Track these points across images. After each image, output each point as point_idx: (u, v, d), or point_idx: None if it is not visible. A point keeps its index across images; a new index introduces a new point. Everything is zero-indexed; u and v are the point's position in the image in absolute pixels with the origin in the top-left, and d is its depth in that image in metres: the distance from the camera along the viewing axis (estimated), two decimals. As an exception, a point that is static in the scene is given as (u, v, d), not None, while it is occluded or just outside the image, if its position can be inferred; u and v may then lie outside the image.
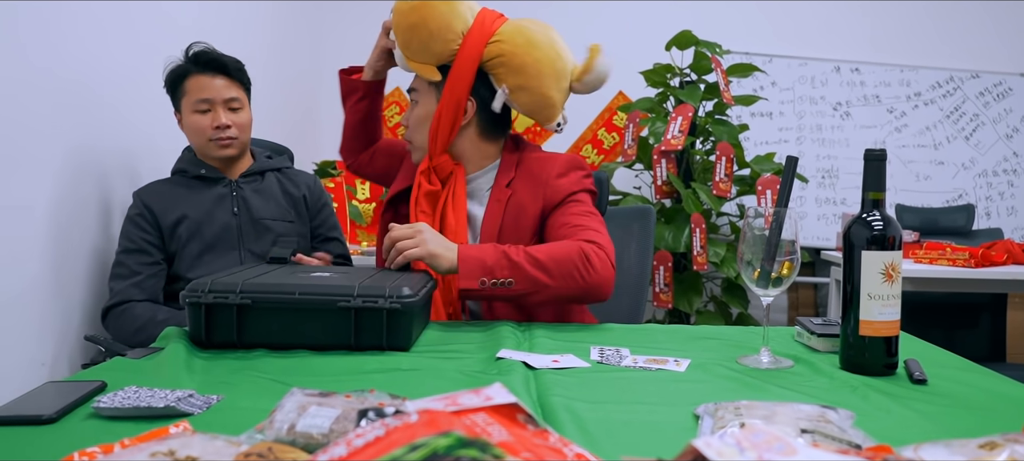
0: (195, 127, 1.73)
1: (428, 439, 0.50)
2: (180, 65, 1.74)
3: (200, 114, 1.73)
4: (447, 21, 1.51)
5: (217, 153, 1.75)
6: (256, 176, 1.82)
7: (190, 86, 1.73)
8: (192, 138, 1.77)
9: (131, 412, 0.80)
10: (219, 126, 1.72)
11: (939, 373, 1.05)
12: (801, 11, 4.29)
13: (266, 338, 1.14)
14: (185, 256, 1.71)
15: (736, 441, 0.56)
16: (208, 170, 1.77)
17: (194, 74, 1.73)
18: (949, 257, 2.63)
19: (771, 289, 1.08)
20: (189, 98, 1.73)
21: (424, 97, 1.58)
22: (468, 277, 1.32)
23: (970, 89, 4.34)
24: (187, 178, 1.77)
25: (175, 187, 1.76)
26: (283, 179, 1.87)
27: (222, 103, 1.73)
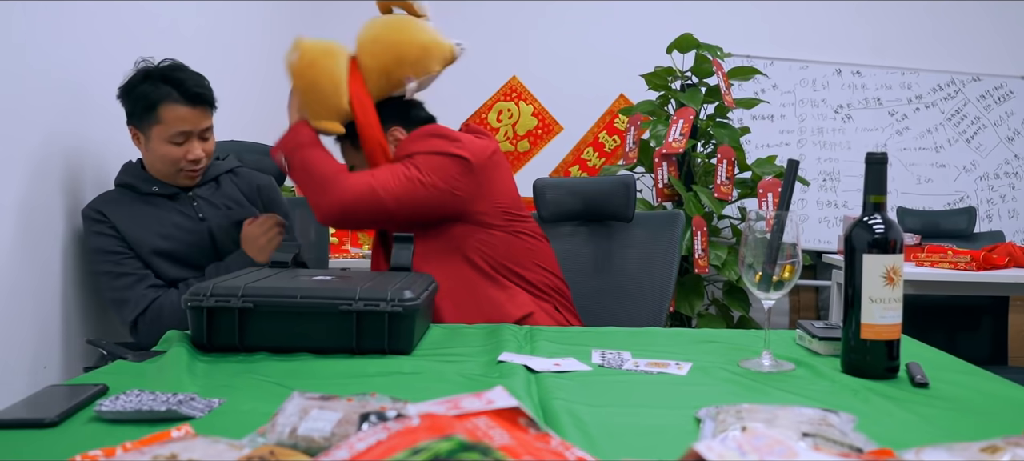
0: (167, 157, 1.63)
1: (430, 443, 0.50)
2: (153, 85, 1.60)
3: (174, 145, 1.63)
4: (336, 76, 1.59)
5: (183, 182, 1.69)
6: (210, 183, 1.76)
7: (167, 116, 1.60)
8: (158, 165, 1.66)
9: (133, 415, 0.80)
10: (194, 159, 1.65)
11: (940, 376, 1.04)
12: (802, 14, 4.29)
13: (268, 341, 1.14)
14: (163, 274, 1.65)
15: (738, 445, 0.56)
16: (162, 187, 1.68)
17: (171, 102, 1.60)
18: (950, 260, 2.63)
19: (772, 292, 1.08)
20: (164, 128, 1.61)
21: (348, 154, 1.67)
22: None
23: (971, 92, 4.34)
24: (139, 194, 1.68)
25: (129, 203, 1.66)
26: (236, 180, 1.82)
27: (198, 134, 1.65)
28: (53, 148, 1.65)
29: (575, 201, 2.04)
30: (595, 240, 2.04)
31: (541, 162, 4.28)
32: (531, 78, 4.24)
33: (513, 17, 4.18)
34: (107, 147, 1.87)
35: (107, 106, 1.86)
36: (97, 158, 1.83)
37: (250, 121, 1.78)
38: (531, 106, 4.25)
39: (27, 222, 1.55)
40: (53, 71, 1.64)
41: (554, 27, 4.17)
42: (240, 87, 2.76)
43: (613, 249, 2.02)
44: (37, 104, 1.59)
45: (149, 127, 1.63)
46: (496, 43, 4.16)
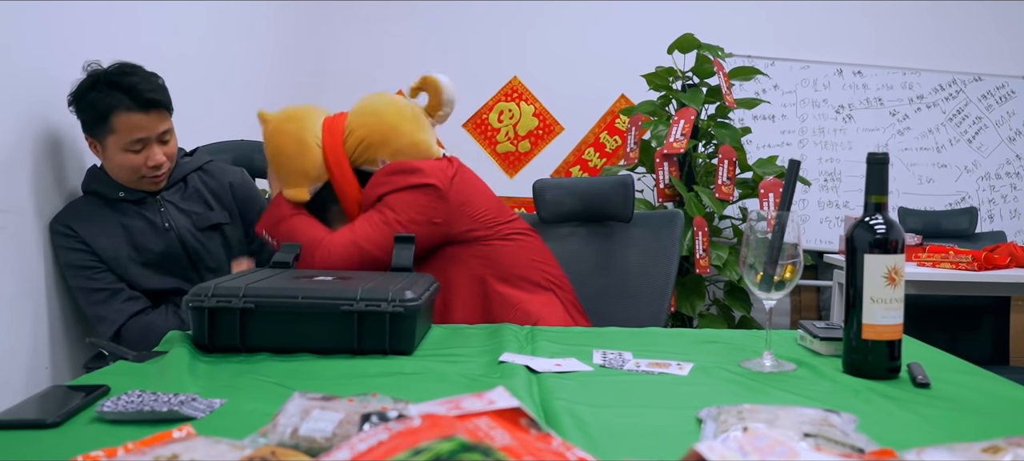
0: (126, 166, 1.58)
1: (431, 443, 0.50)
2: (102, 94, 1.52)
3: (132, 153, 1.57)
4: (299, 137, 1.61)
5: (148, 188, 1.64)
6: (179, 183, 1.71)
7: (120, 124, 1.53)
8: (121, 175, 1.61)
9: (134, 416, 0.80)
10: (155, 164, 1.59)
11: (942, 377, 1.04)
12: (803, 14, 4.29)
13: (269, 342, 1.14)
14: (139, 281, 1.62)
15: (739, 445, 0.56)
16: (128, 193, 1.63)
17: (123, 110, 1.52)
18: (952, 260, 2.63)
19: (774, 292, 1.08)
20: (119, 137, 1.54)
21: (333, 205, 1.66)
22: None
23: (973, 92, 4.34)
24: (106, 200, 1.63)
25: (97, 210, 1.61)
26: (206, 177, 1.75)
27: (156, 138, 1.59)
28: (53, 148, 1.65)
29: (574, 201, 2.04)
30: (595, 240, 2.04)
31: (542, 162, 4.27)
32: (532, 78, 4.24)
33: (514, 17, 4.18)
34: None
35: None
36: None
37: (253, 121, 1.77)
38: (532, 106, 4.25)
39: (27, 223, 1.55)
40: (54, 71, 1.64)
41: (555, 27, 4.17)
42: (241, 87, 2.76)
43: (613, 249, 2.02)
44: (37, 104, 1.59)
45: (104, 137, 1.56)
46: (497, 43, 4.16)
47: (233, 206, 1.77)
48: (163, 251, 1.65)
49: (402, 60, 4.05)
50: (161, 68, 1.76)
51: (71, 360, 1.68)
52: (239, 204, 1.78)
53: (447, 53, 4.10)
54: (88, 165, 1.79)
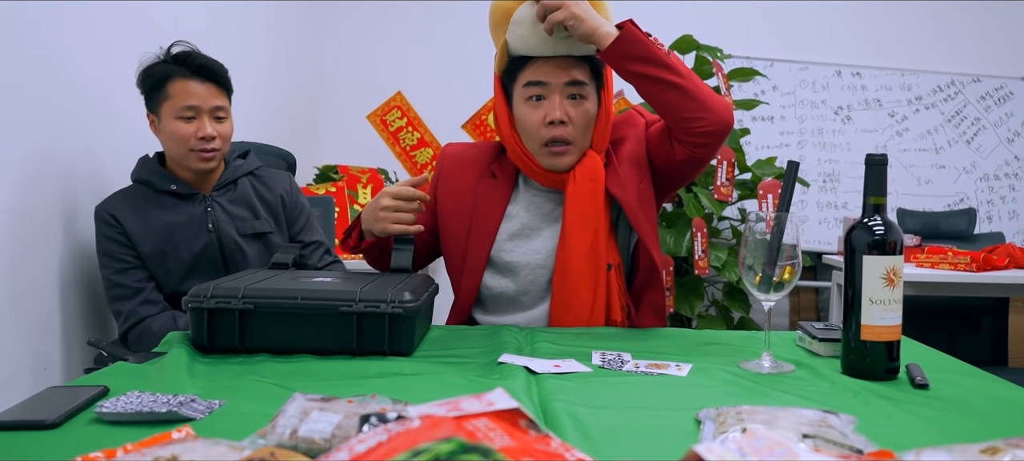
0: (177, 135, 1.61)
1: (430, 445, 0.50)
2: (162, 64, 1.62)
3: (184, 121, 1.61)
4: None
5: (196, 165, 1.64)
6: (230, 186, 1.72)
7: (174, 90, 1.60)
8: (170, 146, 1.65)
9: (133, 417, 0.80)
10: (204, 136, 1.62)
11: (941, 377, 1.04)
12: (802, 15, 4.30)
13: (268, 343, 1.14)
14: (166, 281, 1.64)
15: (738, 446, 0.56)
16: (179, 186, 1.65)
17: (179, 78, 1.61)
18: (951, 261, 2.63)
19: (773, 294, 1.08)
20: (172, 103, 1.60)
21: (590, 93, 1.45)
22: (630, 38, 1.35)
23: (971, 93, 4.34)
24: (155, 192, 1.66)
25: (143, 202, 1.64)
26: (257, 184, 1.77)
27: (208, 112, 1.63)
28: (52, 149, 1.65)
29: None
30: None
31: (541, 163, 4.28)
32: (531, 79, 4.25)
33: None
34: (106, 148, 1.87)
35: (107, 107, 1.86)
36: (97, 159, 1.83)
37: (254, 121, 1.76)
38: (531, 107, 4.26)
39: (27, 224, 1.55)
40: (53, 71, 1.64)
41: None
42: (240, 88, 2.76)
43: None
44: (36, 105, 1.59)
45: (160, 106, 1.62)
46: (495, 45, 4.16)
47: (281, 216, 1.77)
48: (200, 251, 1.65)
49: (401, 61, 4.05)
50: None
51: (70, 361, 1.68)
52: (287, 213, 1.79)
53: (446, 54, 4.10)
54: (92, 166, 1.79)
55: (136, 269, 1.62)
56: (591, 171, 1.45)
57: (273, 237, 1.74)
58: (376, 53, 4.07)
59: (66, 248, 1.68)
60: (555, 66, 1.42)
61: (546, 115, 1.42)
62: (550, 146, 1.44)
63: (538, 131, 1.43)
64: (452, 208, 1.52)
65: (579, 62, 1.43)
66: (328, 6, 4.02)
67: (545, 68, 1.42)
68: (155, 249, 1.63)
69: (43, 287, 1.60)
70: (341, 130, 3.98)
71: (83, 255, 1.75)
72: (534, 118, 1.43)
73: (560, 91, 1.42)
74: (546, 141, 1.43)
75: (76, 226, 1.72)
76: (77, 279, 1.73)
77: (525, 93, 1.44)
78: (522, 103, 1.45)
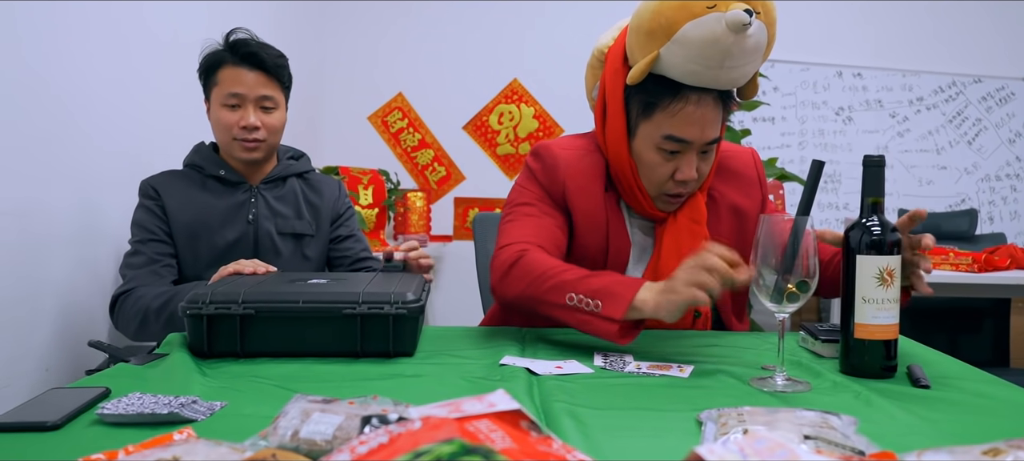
0: (221, 123, 1.61)
1: (432, 446, 0.50)
2: (216, 51, 1.63)
3: (228, 109, 1.60)
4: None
5: (240, 155, 1.63)
6: (278, 181, 1.71)
7: (223, 77, 1.60)
8: (217, 134, 1.65)
9: (135, 418, 0.80)
10: (246, 126, 1.60)
11: (942, 379, 1.04)
12: (803, 16, 4.30)
13: (269, 347, 1.13)
14: (195, 264, 1.61)
15: (739, 447, 0.56)
16: (228, 172, 1.66)
17: (230, 65, 1.60)
18: (952, 262, 2.63)
19: (787, 305, 0.99)
20: (219, 90, 1.60)
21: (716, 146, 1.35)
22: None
23: (972, 94, 4.34)
24: (203, 175, 1.66)
25: (189, 183, 1.65)
26: (306, 187, 1.75)
27: (254, 101, 1.61)
28: (55, 150, 1.65)
29: None
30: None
31: (542, 164, 4.28)
32: (532, 80, 4.24)
33: (513, 19, 4.18)
34: (110, 147, 1.87)
35: (106, 109, 1.86)
36: (100, 160, 1.83)
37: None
38: (532, 108, 4.25)
39: (27, 225, 1.55)
40: (51, 73, 1.64)
41: (555, 29, 4.17)
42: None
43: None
44: (34, 106, 1.59)
45: (210, 92, 1.63)
46: (497, 46, 4.16)
47: (325, 224, 1.74)
48: (233, 240, 1.63)
49: (402, 62, 4.05)
50: (160, 69, 1.75)
51: (71, 363, 1.68)
52: (332, 219, 1.76)
53: (447, 55, 4.10)
54: (93, 167, 1.79)
55: (159, 242, 1.61)
56: (693, 211, 1.37)
57: (311, 241, 1.72)
58: (377, 54, 4.08)
59: (67, 249, 1.68)
60: (700, 124, 1.28)
61: (678, 172, 1.31)
62: (672, 196, 1.35)
63: (665, 184, 1.33)
64: (588, 220, 1.38)
65: (718, 110, 1.30)
66: (329, 7, 4.02)
67: (690, 126, 1.28)
68: (188, 227, 1.61)
69: (44, 288, 1.60)
70: (342, 131, 3.98)
71: (85, 256, 1.75)
72: (664, 171, 1.32)
73: (697, 150, 1.31)
74: (670, 193, 1.35)
75: (77, 227, 1.72)
76: (79, 280, 1.73)
77: (660, 144, 1.30)
78: (652, 149, 1.31)
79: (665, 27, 1.21)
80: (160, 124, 2.08)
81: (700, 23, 1.19)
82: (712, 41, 1.18)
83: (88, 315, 1.76)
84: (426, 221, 3.66)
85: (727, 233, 1.42)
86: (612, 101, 1.34)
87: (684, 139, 1.28)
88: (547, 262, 1.23)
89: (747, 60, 1.23)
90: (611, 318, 1.09)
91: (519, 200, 1.41)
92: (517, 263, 1.25)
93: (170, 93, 2.12)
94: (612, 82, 1.34)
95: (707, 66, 1.21)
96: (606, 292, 1.11)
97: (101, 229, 1.82)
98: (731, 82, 1.26)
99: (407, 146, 3.92)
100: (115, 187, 1.88)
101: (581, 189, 1.37)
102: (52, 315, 1.62)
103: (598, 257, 1.38)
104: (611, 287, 1.12)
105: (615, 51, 1.36)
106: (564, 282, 1.17)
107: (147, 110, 2.02)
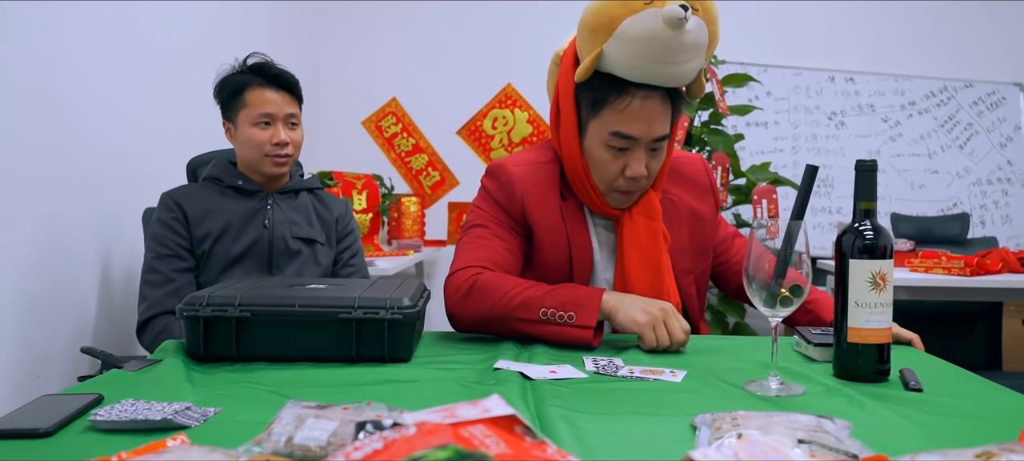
0: (253, 141, 1.71)
1: (426, 452, 0.50)
2: (240, 74, 1.72)
3: (260, 128, 1.70)
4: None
5: (270, 169, 1.73)
6: (292, 194, 1.80)
7: (251, 98, 1.70)
8: (246, 151, 1.73)
9: (128, 425, 0.80)
10: (279, 142, 1.70)
11: (935, 382, 1.05)
12: (796, 22, 4.32)
13: (265, 351, 1.13)
14: (209, 267, 1.68)
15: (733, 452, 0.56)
16: (245, 182, 1.74)
17: (256, 87, 1.71)
18: (944, 266, 2.64)
19: (780, 309, 0.99)
20: (249, 111, 1.70)
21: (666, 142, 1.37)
22: None
23: (964, 98, 4.37)
24: (221, 186, 1.75)
25: (207, 191, 1.73)
26: (316, 202, 1.84)
27: (283, 119, 1.72)
28: (50, 154, 1.64)
29: None
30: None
31: (536, 169, 4.28)
32: (526, 85, 4.25)
33: (508, 24, 4.19)
34: (106, 149, 1.86)
35: (103, 112, 1.86)
36: (96, 162, 1.83)
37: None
38: (526, 113, 4.25)
39: (18, 232, 1.54)
40: (49, 74, 1.64)
41: (549, 34, 4.17)
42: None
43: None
44: (32, 110, 1.59)
45: (236, 113, 1.71)
46: (491, 51, 4.17)
47: (333, 237, 1.83)
48: (250, 245, 1.70)
49: (395, 67, 4.05)
50: (158, 70, 1.76)
51: (63, 369, 1.67)
52: (339, 234, 1.85)
53: (441, 60, 4.11)
54: (86, 176, 1.78)
55: (176, 258, 1.66)
56: (647, 208, 1.39)
57: (321, 248, 1.79)
58: (371, 59, 4.08)
59: (59, 256, 1.67)
60: (647, 119, 1.31)
61: (627, 169, 1.33)
62: (623, 193, 1.37)
63: (615, 180, 1.35)
64: (548, 231, 1.40)
65: (667, 107, 1.33)
66: (323, 12, 4.02)
67: (636, 122, 1.31)
68: (208, 233, 1.68)
69: (36, 294, 1.59)
70: (336, 136, 3.98)
71: (76, 263, 1.74)
72: (613, 167, 1.34)
73: (645, 146, 1.33)
74: (621, 190, 1.37)
75: (71, 234, 1.72)
76: (71, 287, 1.72)
77: (608, 140, 1.33)
78: (601, 146, 1.34)
79: (607, 24, 1.26)
80: (158, 129, 2.07)
81: (639, 19, 1.23)
82: (651, 36, 1.23)
83: (80, 321, 1.75)
84: (420, 226, 3.65)
85: (687, 235, 1.46)
86: (564, 100, 1.37)
87: (631, 135, 1.31)
88: (506, 281, 1.28)
89: (687, 56, 1.27)
90: (586, 326, 1.21)
91: (472, 222, 1.44)
92: (474, 287, 1.29)
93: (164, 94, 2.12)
94: (564, 82, 1.38)
95: (647, 61, 1.25)
96: (575, 303, 1.22)
97: (94, 235, 1.82)
98: (674, 78, 1.29)
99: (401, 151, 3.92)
100: (109, 193, 1.87)
101: (538, 201, 1.40)
102: (44, 321, 1.61)
103: (562, 265, 1.40)
104: (578, 298, 1.23)
105: (568, 53, 1.40)
106: (532, 298, 1.24)
107: (146, 115, 2.01)
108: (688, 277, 1.46)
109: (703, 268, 1.50)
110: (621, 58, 1.27)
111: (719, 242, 1.54)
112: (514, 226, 1.41)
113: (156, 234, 1.68)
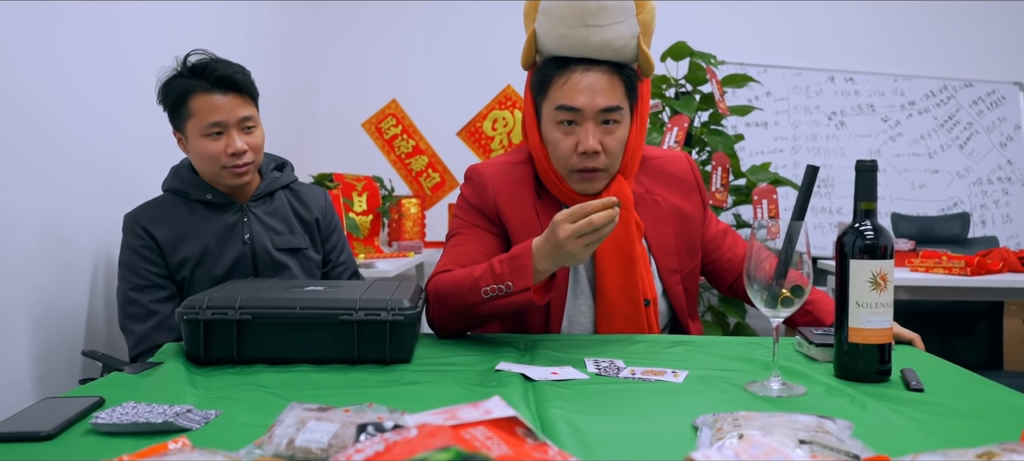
0: (205, 154, 1.53)
1: (428, 454, 0.50)
2: (180, 79, 1.53)
3: (211, 139, 1.52)
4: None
5: (231, 181, 1.56)
6: (266, 197, 1.66)
7: (197, 107, 1.51)
8: (202, 166, 1.57)
9: (129, 428, 0.80)
10: (234, 152, 1.53)
11: (936, 382, 1.05)
12: (795, 22, 4.32)
13: (266, 353, 1.13)
14: (193, 291, 1.55)
15: (734, 452, 0.56)
16: (215, 195, 1.59)
17: (201, 92, 1.51)
18: (945, 265, 2.64)
19: (781, 309, 0.99)
20: (196, 121, 1.52)
21: (623, 117, 1.38)
22: None
23: (963, 98, 4.37)
24: (189, 201, 1.59)
25: (174, 210, 1.58)
26: (293, 199, 1.71)
27: (236, 125, 1.53)
28: (44, 160, 1.64)
29: None
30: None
31: (536, 170, 4.28)
32: (526, 86, 4.26)
33: (507, 25, 4.19)
34: (103, 150, 1.87)
35: (101, 114, 1.86)
36: (91, 170, 1.83)
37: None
38: (526, 114, 4.26)
39: (19, 234, 1.54)
40: (51, 75, 1.64)
41: (549, 36, 4.19)
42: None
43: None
44: (29, 111, 1.59)
45: (184, 123, 1.54)
46: (490, 52, 4.17)
47: (316, 234, 1.71)
48: (233, 263, 1.58)
49: (395, 68, 4.05)
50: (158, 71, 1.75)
51: (65, 372, 1.67)
52: (322, 231, 1.73)
53: (440, 62, 4.11)
54: (87, 177, 1.78)
55: (154, 288, 1.54)
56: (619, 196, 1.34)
57: (308, 253, 1.69)
58: (370, 61, 4.08)
59: (61, 257, 1.67)
60: (589, 91, 1.33)
61: (578, 144, 1.35)
62: (581, 172, 1.38)
63: (569, 159, 1.37)
64: (523, 228, 1.41)
65: (614, 81, 1.35)
66: (323, 13, 4.02)
67: (578, 93, 1.34)
68: (186, 259, 1.56)
69: (38, 297, 1.59)
70: (336, 138, 3.98)
71: (78, 265, 1.74)
72: (565, 146, 1.36)
73: (593, 118, 1.34)
74: (578, 169, 1.37)
75: (73, 235, 1.72)
76: (73, 289, 1.72)
77: (556, 117, 1.36)
78: (553, 126, 1.37)
79: (533, 4, 1.35)
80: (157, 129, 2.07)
81: None
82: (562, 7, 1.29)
83: (81, 323, 1.75)
84: (421, 228, 3.65)
85: (673, 235, 1.47)
86: (525, 94, 1.45)
87: (574, 107, 1.35)
88: (455, 276, 1.30)
89: (609, 18, 1.30)
90: (524, 288, 1.20)
91: (451, 230, 1.48)
92: (435, 295, 1.33)
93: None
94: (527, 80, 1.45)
95: (571, 27, 1.30)
96: (510, 272, 1.22)
97: (96, 237, 1.82)
98: (607, 44, 1.33)
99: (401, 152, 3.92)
100: (112, 193, 1.87)
101: (511, 199, 1.43)
102: (45, 324, 1.61)
103: None
104: (511, 264, 1.22)
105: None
106: (474, 280, 1.25)
107: (144, 115, 2.01)
108: (675, 276, 1.46)
109: (692, 266, 1.50)
110: (549, 32, 1.33)
111: (709, 239, 1.54)
112: (489, 226, 1.44)
113: (128, 262, 1.54)
